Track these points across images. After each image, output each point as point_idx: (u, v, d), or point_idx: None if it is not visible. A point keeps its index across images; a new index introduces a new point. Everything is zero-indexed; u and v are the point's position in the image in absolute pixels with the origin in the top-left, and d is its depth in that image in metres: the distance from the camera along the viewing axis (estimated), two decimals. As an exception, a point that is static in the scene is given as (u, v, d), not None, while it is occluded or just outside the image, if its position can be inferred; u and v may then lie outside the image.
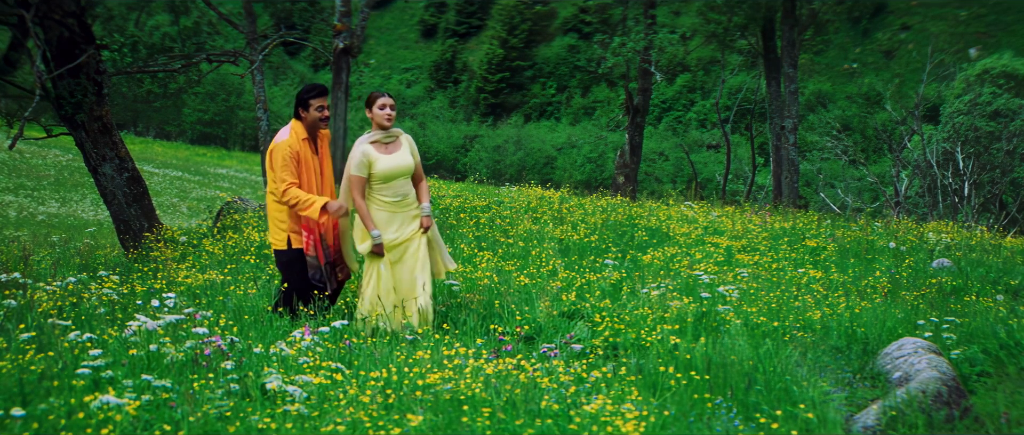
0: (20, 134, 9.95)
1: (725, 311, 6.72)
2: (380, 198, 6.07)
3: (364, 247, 6.08)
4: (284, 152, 6.06)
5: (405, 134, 6.24)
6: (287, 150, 6.06)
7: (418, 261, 6.09)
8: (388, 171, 6.04)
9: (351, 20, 14.03)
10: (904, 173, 24.04)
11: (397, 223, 6.10)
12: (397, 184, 6.08)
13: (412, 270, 6.07)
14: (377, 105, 6.08)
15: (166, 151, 45.84)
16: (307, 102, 6.14)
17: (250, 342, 5.30)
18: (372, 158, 6.02)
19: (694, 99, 60.01)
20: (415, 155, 6.21)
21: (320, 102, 6.17)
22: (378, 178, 6.04)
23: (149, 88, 16.42)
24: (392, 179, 6.06)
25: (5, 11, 9.86)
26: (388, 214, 6.08)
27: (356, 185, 6.04)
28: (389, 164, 6.04)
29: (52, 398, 4.15)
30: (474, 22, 74.75)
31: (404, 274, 6.07)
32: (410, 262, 6.08)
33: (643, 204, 13.88)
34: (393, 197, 6.08)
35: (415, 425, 4.13)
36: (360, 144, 6.07)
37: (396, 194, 6.09)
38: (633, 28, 21.05)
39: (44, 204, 24.54)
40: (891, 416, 4.85)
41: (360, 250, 6.12)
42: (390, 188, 6.07)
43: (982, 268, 9.29)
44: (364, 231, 6.08)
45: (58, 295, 6.71)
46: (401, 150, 6.14)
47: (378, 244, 6.01)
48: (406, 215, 6.13)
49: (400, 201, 6.10)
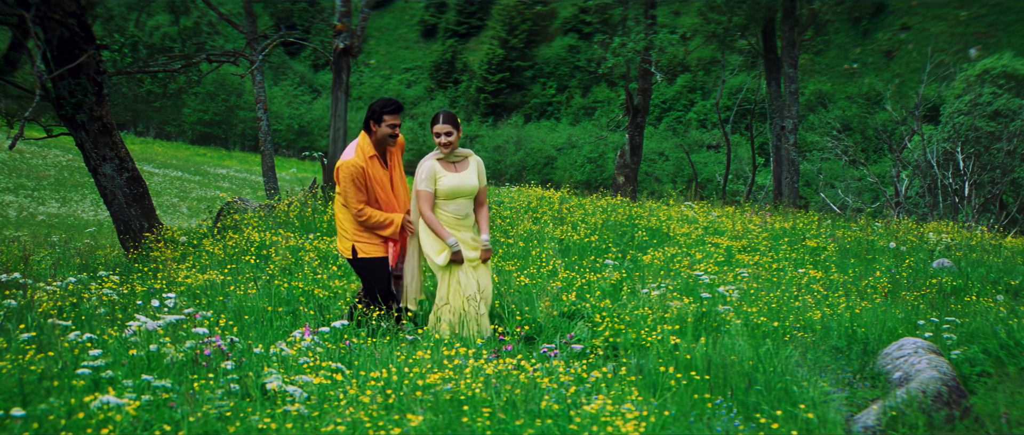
0: (20, 134, 9.95)
1: (725, 311, 6.72)
2: (442, 214, 6.05)
3: (442, 258, 5.97)
4: (350, 172, 5.98)
5: (475, 156, 6.20)
6: (353, 170, 5.98)
7: (487, 284, 6.11)
8: (452, 188, 6.01)
9: (351, 20, 14.03)
10: (904, 173, 24.04)
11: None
12: (461, 203, 6.06)
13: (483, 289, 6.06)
14: (434, 131, 6.05)
15: (166, 151, 45.86)
16: (381, 117, 6.03)
17: (250, 342, 5.29)
18: (438, 173, 6.00)
19: (694, 99, 60.04)
20: (482, 178, 6.18)
21: (393, 120, 6.06)
22: (442, 194, 6.02)
23: (149, 88, 16.45)
24: (456, 197, 6.04)
25: (5, 11, 9.86)
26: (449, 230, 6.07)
27: (425, 199, 6.00)
28: (454, 182, 6.02)
29: (52, 398, 4.15)
30: (474, 22, 74.79)
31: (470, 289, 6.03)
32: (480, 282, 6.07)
33: (643, 204, 13.88)
34: (455, 215, 6.06)
35: (415, 425, 4.13)
36: (427, 160, 6.04)
37: (458, 213, 6.06)
38: (633, 28, 21.04)
39: (44, 204, 24.55)
40: (891, 416, 4.85)
41: (438, 261, 5.99)
42: (454, 205, 6.05)
43: (982, 268, 9.29)
44: (437, 243, 6.00)
45: (58, 295, 6.71)
46: (469, 170, 6.11)
47: (457, 251, 5.94)
48: (466, 236, 6.09)
49: (462, 220, 6.08)
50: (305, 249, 8.95)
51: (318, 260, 8.52)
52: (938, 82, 37.25)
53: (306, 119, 58.91)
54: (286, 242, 9.25)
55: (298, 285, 7.30)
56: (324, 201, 11.95)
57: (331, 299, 7.03)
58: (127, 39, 16.95)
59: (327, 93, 53.38)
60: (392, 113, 6.05)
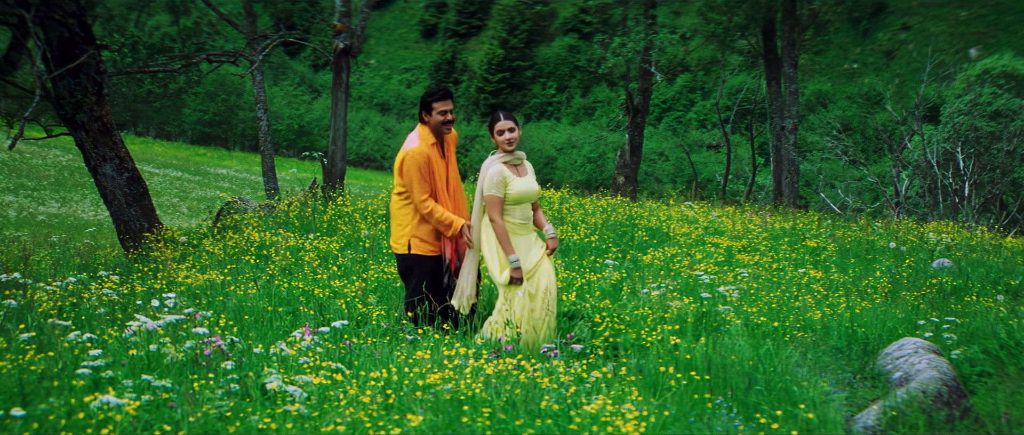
0: (20, 134, 9.95)
1: (725, 311, 6.72)
2: (509, 220, 5.87)
3: (504, 277, 5.78)
4: (416, 161, 5.86)
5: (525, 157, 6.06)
6: (418, 158, 5.87)
7: (552, 282, 5.92)
8: (521, 193, 5.85)
9: (351, 20, 14.02)
10: (904, 173, 24.03)
11: (524, 246, 5.90)
12: (525, 208, 5.93)
13: (548, 290, 5.88)
14: (497, 130, 5.87)
15: (166, 151, 45.84)
16: (430, 105, 5.95)
17: (250, 342, 5.29)
18: (508, 178, 5.82)
19: (694, 99, 60.00)
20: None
21: (443, 105, 5.96)
22: (510, 199, 5.84)
23: (149, 88, 16.46)
24: (522, 202, 5.89)
25: (5, 11, 9.86)
26: (515, 238, 5.87)
27: (496, 205, 5.78)
28: (523, 186, 5.87)
29: (52, 398, 4.15)
30: (474, 22, 74.75)
31: (539, 301, 5.84)
32: (544, 282, 5.88)
33: (643, 204, 13.88)
34: (521, 219, 5.90)
35: (415, 425, 4.12)
36: (494, 163, 5.84)
37: (523, 217, 5.91)
38: (633, 28, 21.06)
39: (44, 204, 24.53)
40: (891, 416, 4.85)
41: (499, 280, 5.81)
42: (519, 210, 5.89)
43: (982, 268, 9.29)
44: (501, 260, 5.81)
45: (58, 295, 6.71)
46: (530, 173, 6.00)
47: (517, 269, 5.75)
48: (530, 238, 5.95)
49: (526, 224, 5.93)
50: (305, 249, 8.95)
51: (318, 260, 8.51)
52: (938, 82, 37.24)
53: (306, 119, 58.88)
54: (286, 242, 9.25)
55: (298, 285, 7.30)
56: (324, 201, 11.95)
57: (331, 299, 7.02)
58: (127, 39, 16.97)
59: (327, 93, 53.41)
60: (441, 100, 5.96)
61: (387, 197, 11.39)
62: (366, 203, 11.84)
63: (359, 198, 12.72)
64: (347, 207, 11.30)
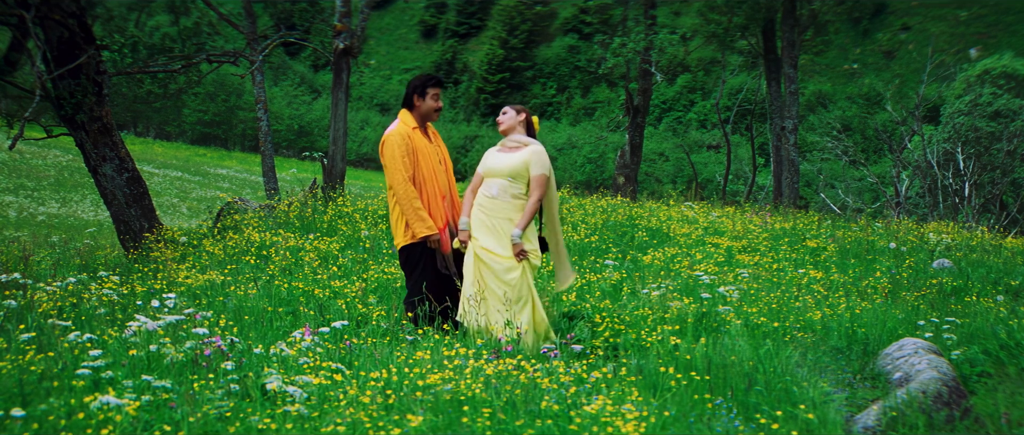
0: (20, 134, 9.95)
1: (725, 312, 6.71)
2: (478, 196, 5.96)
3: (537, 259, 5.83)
4: (396, 142, 5.81)
5: (536, 145, 6.00)
6: (398, 139, 5.83)
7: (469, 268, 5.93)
8: (488, 167, 5.95)
9: (351, 20, 14.03)
10: (904, 174, 24.03)
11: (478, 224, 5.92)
12: (491, 183, 5.94)
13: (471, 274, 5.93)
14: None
15: (166, 151, 45.84)
16: (425, 90, 5.93)
17: (250, 342, 5.29)
18: (487, 156, 5.96)
19: (694, 99, 60.01)
20: (530, 166, 5.95)
21: (438, 91, 5.98)
22: (483, 174, 5.96)
23: (149, 88, 16.42)
24: (489, 176, 5.96)
25: (5, 11, 9.86)
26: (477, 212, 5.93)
27: (474, 180, 5.92)
28: (490, 161, 5.97)
29: (52, 398, 4.14)
30: (474, 22, 74.78)
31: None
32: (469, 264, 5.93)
33: (643, 204, 13.88)
34: (486, 195, 5.91)
35: (415, 425, 4.12)
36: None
37: (488, 193, 5.92)
38: (633, 28, 21.07)
39: (44, 204, 24.53)
40: (891, 417, 4.84)
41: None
42: (485, 186, 5.93)
43: (983, 268, 9.29)
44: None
45: (58, 295, 6.71)
46: (515, 154, 5.98)
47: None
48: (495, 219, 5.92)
49: (492, 201, 5.91)
50: (305, 249, 8.95)
51: (318, 260, 8.51)
52: (938, 82, 37.24)
53: (306, 119, 58.90)
54: (286, 242, 9.25)
55: (298, 285, 7.30)
56: (324, 201, 11.94)
57: (331, 299, 7.02)
58: (127, 39, 16.92)
59: (327, 93, 53.33)
60: (436, 86, 5.99)
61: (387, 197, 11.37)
62: (366, 203, 11.85)
63: (359, 198, 12.73)
64: (347, 207, 11.31)
